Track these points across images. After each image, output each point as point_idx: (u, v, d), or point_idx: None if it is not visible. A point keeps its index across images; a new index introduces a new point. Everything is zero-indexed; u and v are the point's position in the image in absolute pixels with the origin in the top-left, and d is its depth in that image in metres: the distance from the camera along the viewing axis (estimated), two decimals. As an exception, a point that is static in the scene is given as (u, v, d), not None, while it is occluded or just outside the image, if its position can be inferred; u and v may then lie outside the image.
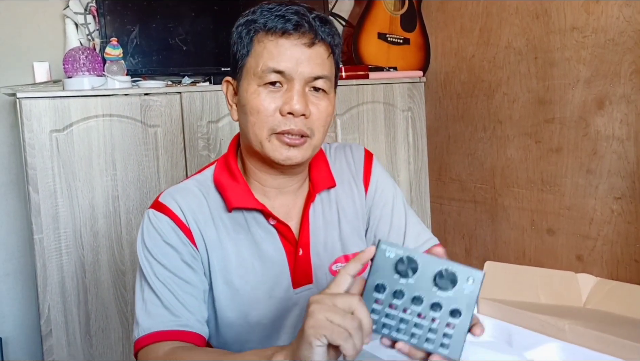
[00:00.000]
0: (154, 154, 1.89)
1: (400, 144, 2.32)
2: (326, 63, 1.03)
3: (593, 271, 1.78)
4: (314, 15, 1.01)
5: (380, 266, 0.74)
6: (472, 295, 0.73)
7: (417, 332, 0.73)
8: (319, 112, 1.02)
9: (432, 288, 0.73)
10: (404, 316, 0.74)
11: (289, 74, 0.99)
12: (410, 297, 0.74)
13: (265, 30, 1.00)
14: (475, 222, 2.25)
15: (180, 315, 1.00)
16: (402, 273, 0.74)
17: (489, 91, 2.14)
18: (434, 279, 0.73)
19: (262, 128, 1.01)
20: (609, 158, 1.75)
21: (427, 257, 0.74)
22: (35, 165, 1.75)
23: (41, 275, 1.77)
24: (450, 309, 0.73)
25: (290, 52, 0.99)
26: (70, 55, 1.86)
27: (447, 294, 0.73)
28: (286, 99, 0.99)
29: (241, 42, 1.03)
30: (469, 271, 0.73)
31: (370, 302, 0.74)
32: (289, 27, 0.98)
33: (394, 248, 0.74)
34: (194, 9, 2.07)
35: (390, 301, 0.74)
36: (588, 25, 1.77)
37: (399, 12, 2.37)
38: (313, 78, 1.01)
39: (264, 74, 1.00)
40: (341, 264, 1.13)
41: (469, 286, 0.73)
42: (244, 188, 1.07)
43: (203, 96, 1.95)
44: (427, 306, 0.73)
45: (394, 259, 0.74)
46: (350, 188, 1.16)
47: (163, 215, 1.04)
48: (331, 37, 1.03)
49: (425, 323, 0.73)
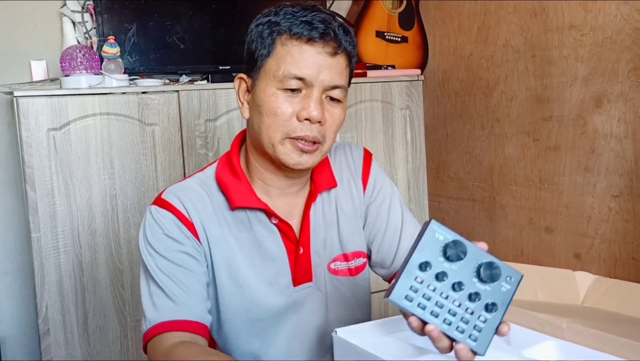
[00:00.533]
0: (151, 152, 1.89)
1: (399, 143, 2.32)
2: (344, 73, 1.04)
3: (591, 269, 1.78)
4: (338, 24, 1.02)
5: (428, 245, 0.73)
6: (508, 294, 0.73)
7: (450, 319, 0.73)
8: (333, 119, 1.04)
9: (473, 278, 0.73)
10: (441, 301, 0.73)
11: (309, 81, 1.00)
12: (451, 282, 0.73)
13: (290, 34, 1.00)
14: (473, 220, 2.25)
15: (184, 305, 1.01)
16: (449, 257, 0.73)
17: (487, 89, 2.13)
18: (477, 270, 0.73)
19: (277, 131, 1.01)
20: (606, 156, 1.75)
21: (474, 247, 0.74)
22: (33, 163, 1.75)
23: (39, 274, 1.77)
24: (486, 302, 0.73)
25: (314, 59, 1.00)
26: (68, 53, 1.86)
27: (486, 288, 0.73)
28: (304, 105, 1.00)
29: (262, 42, 1.03)
30: (509, 271, 0.74)
31: (411, 278, 0.73)
32: (315, 35, 0.99)
33: (444, 231, 0.74)
34: (192, 7, 2.07)
35: (432, 282, 0.73)
36: (586, 23, 1.77)
37: (397, 10, 2.36)
38: (331, 87, 1.02)
39: (285, 79, 1.00)
40: (340, 262, 1.14)
41: (507, 285, 0.73)
42: (246, 186, 1.08)
43: (201, 95, 1.95)
44: (466, 295, 0.73)
45: (443, 241, 0.74)
46: (350, 186, 1.17)
47: (166, 211, 1.05)
48: (352, 47, 1.05)
49: (460, 312, 0.73)
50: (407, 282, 0.73)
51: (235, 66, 2.10)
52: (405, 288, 0.73)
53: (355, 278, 1.16)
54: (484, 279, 0.73)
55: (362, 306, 1.19)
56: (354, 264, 1.16)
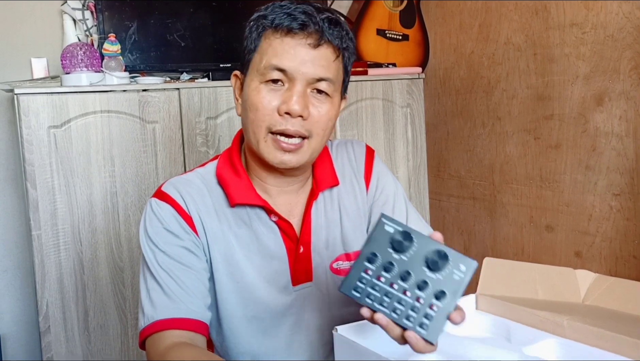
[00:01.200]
0: (152, 150, 1.89)
1: (399, 141, 2.32)
2: (332, 66, 1.01)
3: (592, 268, 1.78)
4: (324, 16, 1.00)
5: (377, 237, 0.76)
6: (461, 282, 0.73)
7: (399, 308, 0.74)
8: (319, 115, 1.01)
9: (422, 267, 0.74)
10: (389, 290, 0.74)
11: (291, 73, 0.98)
12: (399, 272, 0.74)
13: (273, 27, 0.99)
14: (474, 218, 2.25)
15: (182, 302, 1.00)
16: (396, 248, 0.75)
17: (488, 87, 2.13)
18: (425, 259, 0.74)
19: (259, 126, 1.00)
20: (607, 155, 1.74)
21: (423, 237, 0.75)
22: (33, 161, 1.75)
23: (39, 272, 1.77)
24: (436, 291, 0.73)
25: (295, 51, 0.98)
26: (68, 51, 1.86)
27: (436, 276, 0.74)
28: (285, 98, 0.99)
29: (250, 38, 1.03)
30: (462, 259, 0.74)
31: (360, 270, 0.75)
32: (295, 25, 0.97)
33: (393, 223, 0.75)
34: (192, 5, 2.07)
35: (380, 272, 0.75)
36: (587, 21, 1.77)
37: (397, 9, 2.36)
38: (316, 80, 1.00)
39: (266, 70, 0.99)
40: (342, 262, 1.14)
41: (460, 273, 0.73)
42: (246, 183, 1.07)
43: (201, 92, 1.95)
44: (414, 283, 0.74)
45: (392, 233, 0.75)
46: (352, 184, 1.16)
47: (165, 203, 1.05)
48: (339, 39, 1.01)
49: (409, 300, 0.74)
50: (356, 273, 0.75)
51: (235, 63, 2.09)
52: (354, 279, 0.75)
53: None
54: (433, 268, 0.74)
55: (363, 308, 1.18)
56: None
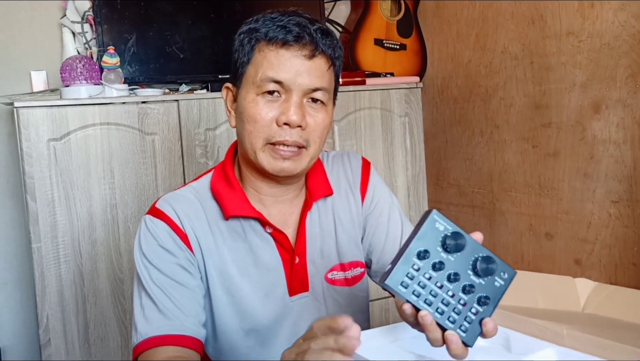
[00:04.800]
0: (151, 162, 1.89)
1: (398, 150, 2.33)
2: (326, 75, 1.03)
3: (592, 275, 1.78)
4: (316, 27, 1.01)
5: (428, 233, 0.75)
6: (501, 289, 0.75)
7: (443, 308, 0.74)
8: (316, 123, 1.03)
9: (468, 271, 0.74)
10: (436, 290, 0.74)
11: (287, 85, 1.00)
12: (447, 272, 0.74)
13: (267, 40, 1.00)
14: (473, 227, 2.25)
15: (176, 319, 1.00)
16: (447, 248, 0.74)
17: (485, 96, 2.14)
18: (474, 262, 0.74)
19: (258, 138, 1.01)
20: (605, 162, 1.75)
21: (473, 240, 0.75)
22: (33, 174, 1.75)
23: (39, 284, 1.77)
24: (479, 295, 0.74)
25: (290, 62, 0.99)
26: (68, 64, 1.87)
27: (481, 281, 0.74)
28: (283, 110, 1.00)
29: (242, 50, 1.04)
30: (504, 267, 0.75)
31: (408, 265, 0.74)
32: (290, 38, 0.99)
33: (444, 221, 0.75)
34: (191, 17, 2.08)
35: (428, 270, 0.74)
36: (583, 29, 1.78)
37: (395, 18, 2.37)
38: (312, 90, 1.01)
39: (262, 83, 1.00)
40: (337, 272, 1.14)
41: (501, 280, 0.74)
42: (240, 196, 1.08)
43: (200, 104, 1.95)
44: (460, 286, 0.74)
45: (443, 232, 0.75)
46: (347, 196, 1.16)
47: (159, 220, 1.05)
48: (332, 49, 1.03)
49: (453, 302, 0.74)
50: (404, 268, 0.74)
51: (234, 74, 2.10)
52: (402, 274, 0.74)
53: (352, 288, 1.16)
54: (480, 273, 0.74)
55: (359, 316, 1.18)
56: (351, 274, 1.15)
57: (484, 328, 0.74)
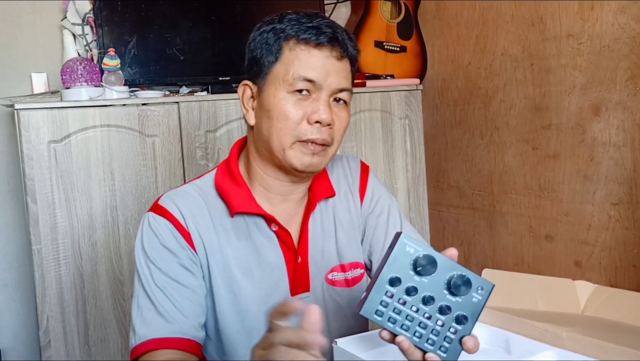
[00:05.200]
0: (152, 164, 1.89)
1: (398, 152, 2.33)
2: (349, 76, 1.07)
3: (592, 277, 1.78)
4: (343, 29, 1.06)
5: (398, 258, 0.74)
6: (479, 305, 0.74)
7: (421, 331, 0.73)
8: (340, 122, 1.06)
9: (444, 290, 0.74)
10: (412, 314, 0.74)
11: (319, 84, 1.02)
12: (421, 296, 0.73)
13: (298, 39, 1.02)
14: (473, 229, 2.25)
15: (175, 321, 1.00)
16: (419, 271, 0.73)
17: (485, 98, 2.14)
18: (448, 282, 0.73)
19: (288, 135, 1.02)
20: (605, 164, 1.75)
21: (445, 259, 0.74)
22: (34, 176, 1.75)
23: (40, 286, 1.77)
24: (457, 315, 0.73)
25: (322, 63, 1.02)
26: (68, 66, 1.87)
27: (457, 300, 0.74)
28: (314, 109, 1.02)
29: (268, 49, 1.04)
30: (480, 281, 0.74)
31: (381, 293, 0.73)
32: (324, 39, 1.02)
33: (414, 244, 0.74)
34: (191, 19, 2.08)
35: (402, 296, 0.73)
36: (583, 32, 1.78)
37: (395, 20, 2.37)
38: (339, 90, 1.04)
39: (294, 81, 1.01)
40: (337, 273, 1.14)
41: (478, 296, 0.74)
42: (246, 193, 1.08)
43: (201, 106, 1.96)
44: (437, 308, 0.74)
45: (414, 255, 0.74)
46: (347, 198, 1.17)
47: (162, 218, 1.05)
48: (356, 52, 1.08)
49: (431, 324, 0.73)
50: (377, 297, 0.73)
51: (235, 76, 2.11)
52: (375, 302, 0.73)
53: (352, 289, 1.16)
54: (455, 292, 0.73)
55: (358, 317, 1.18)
56: (350, 275, 1.16)
57: (464, 346, 0.74)
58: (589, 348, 0.89)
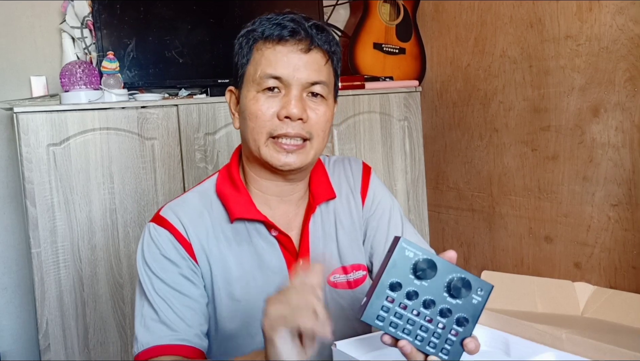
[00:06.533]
0: (151, 166, 1.89)
1: (397, 154, 2.33)
2: (323, 69, 1.05)
3: (591, 278, 1.78)
4: (311, 23, 1.04)
5: (397, 263, 0.74)
6: (479, 306, 0.74)
7: (422, 335, 0.74)
8: (317, 117, 1.04)
9: (444, 293, 0.74)
10: (413, 318, 0.74)
11: (286, 80, 1.02)
12: (422, 300, 0.74)
13: (264, 38, 1.03)
14: (473, 230, 2.25)
15: (178, 329, 1.00)
16: (419, 275, 0.73)
17: (484, 100, 2.14)
18: (448, 285, 0.74)
19: (260, 133, 1.02)
20: (605, 165, 1.75)
21: (445, 262, 0.74)
22: (33, 179, 1.75)
23: (39, 289, 1.77)
24: (457, 317, 0.74)
25: (287, 58, 1.02)
26: (67, 69, 1.87)
27: (458, 302, 0.74)
28: (283, 104, 1.02)
29: (241, 52, 1.06)
30: (480, 283, 0.74)
31: (382, 298, 0.74)
32: (285, 33, 1.01)
33: (413, 248, 0.74)
34: (190, 22, 2.08)
35: (403, 300, 0.74)
36: (582, 33, 1.78)
37: (394, 22, 2.38)
38: (310, 83, 1.03)
39: (262, 80, 1.02)
40: (339, 275, 1.14)
41: (477, 297, 0.74)
42: (246, 198, 1.08)
43: (200, 108, 1.96)
44: (437, 311, 0.74)
45: (413, 259, 0.74)
46: (348, 200, 1.17)
47: (163, 229, 1.05)
48: (328, 44, 1.05)
49: (432, 327, 0.74)
50: (378, 302, 0.73)
51: (233, 79, 2.11)
52: (376, 308, 0.74)
53: (354, 290, 1.16)
54: (455, 294, 0.74)
55: None
56: (352, 277, 1.16)
57: (465, 348, 0.74)
58: (588, 350, 0.89)
